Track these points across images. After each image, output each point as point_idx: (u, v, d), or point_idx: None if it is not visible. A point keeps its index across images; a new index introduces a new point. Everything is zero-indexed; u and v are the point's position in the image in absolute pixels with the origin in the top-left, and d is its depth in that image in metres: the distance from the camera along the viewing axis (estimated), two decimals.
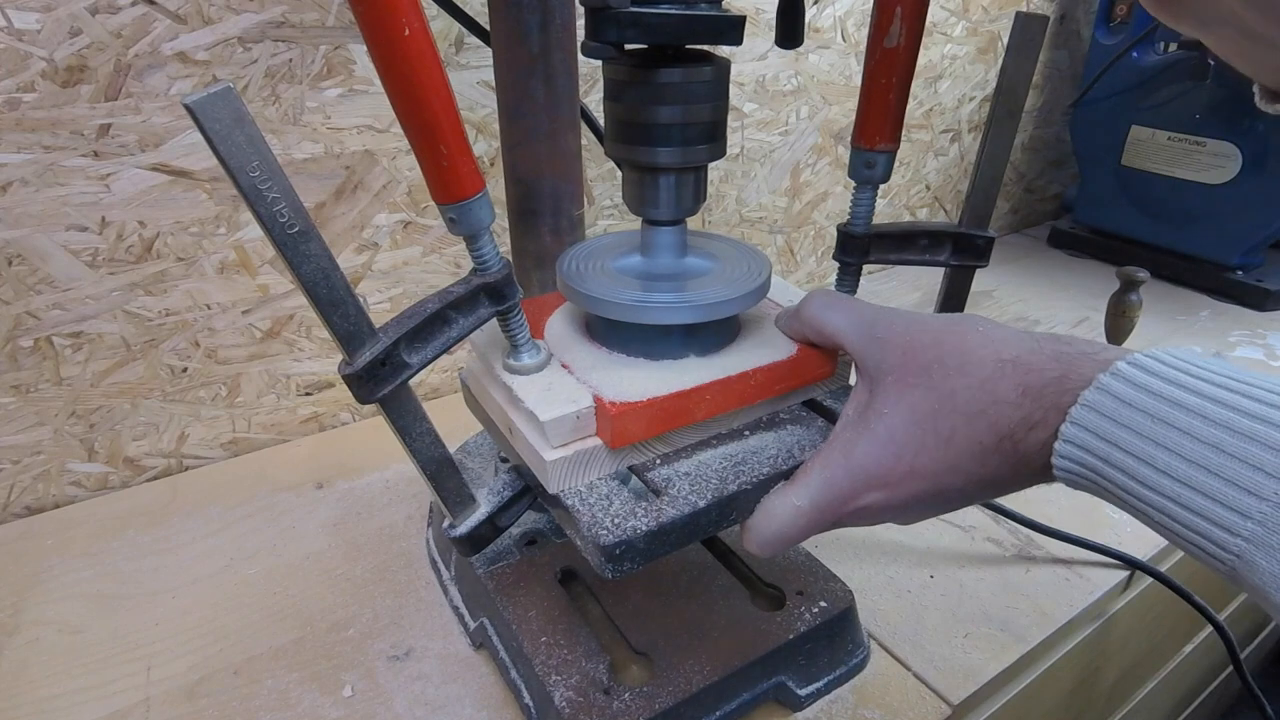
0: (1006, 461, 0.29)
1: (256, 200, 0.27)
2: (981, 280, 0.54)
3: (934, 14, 0.94)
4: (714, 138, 0.38)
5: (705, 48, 0.38)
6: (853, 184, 0.42)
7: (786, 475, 0.36)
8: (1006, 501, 0.57)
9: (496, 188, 0.66)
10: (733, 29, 0.36)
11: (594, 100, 0.73)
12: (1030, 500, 0.60)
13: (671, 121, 0.36)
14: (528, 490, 0.39)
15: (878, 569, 0.54)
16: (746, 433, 0.39)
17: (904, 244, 0.44)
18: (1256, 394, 0.24)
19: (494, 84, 0.46)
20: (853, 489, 0.33)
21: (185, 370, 0.63)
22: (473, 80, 0.67)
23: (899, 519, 0.34)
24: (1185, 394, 0.25)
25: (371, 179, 0.65)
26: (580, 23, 0.37)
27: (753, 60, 0.82)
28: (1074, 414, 0.27)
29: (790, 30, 0.43)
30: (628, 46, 0.36)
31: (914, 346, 0.32)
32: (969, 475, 0.30)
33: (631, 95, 0.37)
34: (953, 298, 0.46)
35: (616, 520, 0.33)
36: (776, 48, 0.82)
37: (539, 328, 0.42)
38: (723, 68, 0.37)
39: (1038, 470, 0.29)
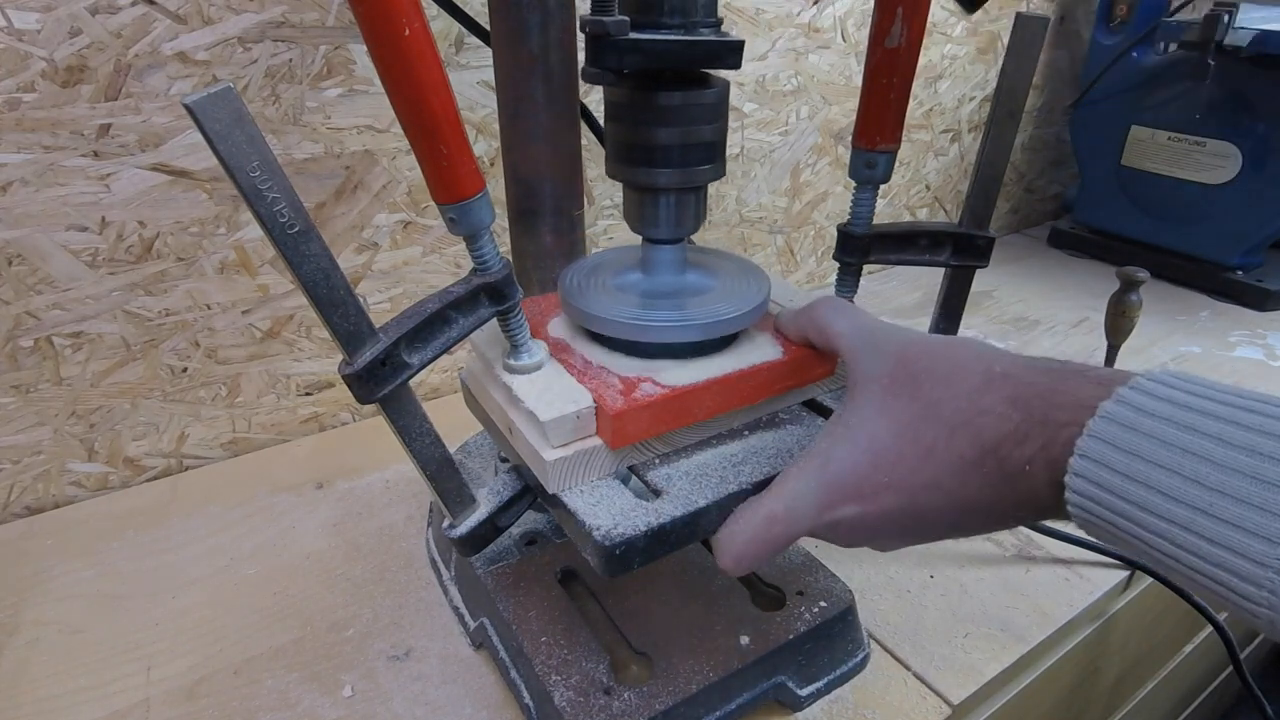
0: (989, 482, 0.28)
1: (256, 200, 0.27)
2: (981, 280, 0.54)
3: (934, 14, 0.94)
4: (713, 158, 0.38)
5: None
6: (853, 184, 0.42)
7: None
8: None
9: (496, 188, 0.65)
10: (732, 54, 0.36)
11: (594, 100, 0.72)
12: None
13: (671, 143, 0.36)
14: (528, 490, 0.39)
15: (878, 569, 0.54)
16: (746, 433, 0.39)
17: (904, 244, 0.44)
18: (1278, 413, 0.22)
19: (494, 84, 0.46)
20: (828, 499, 0.31)
21: (185, 370, 0.63)
22: (473, 80, 0.67)
23: (875, 541, 0.33)
24: (1199, 417, 0.23)
25: (371, 179, 0.65)
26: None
27: (753, 60, 0.82)
28: (1082, 446, 0.25)
29: None
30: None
31: (906, 357, 0.32)
32: (949, 494, 0.29)
33: (631, 117, 0.37)
34: (953, 298, 0.46)
35: (616, 520, 0.33)
36: (777, 48, 0.82)
37: (540, 327, 0.42)
38: (722, 90, 0.37)
39: (1024, 498, 0.27)
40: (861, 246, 0.43)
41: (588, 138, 0.53)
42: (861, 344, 0.34)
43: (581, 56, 0.36)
